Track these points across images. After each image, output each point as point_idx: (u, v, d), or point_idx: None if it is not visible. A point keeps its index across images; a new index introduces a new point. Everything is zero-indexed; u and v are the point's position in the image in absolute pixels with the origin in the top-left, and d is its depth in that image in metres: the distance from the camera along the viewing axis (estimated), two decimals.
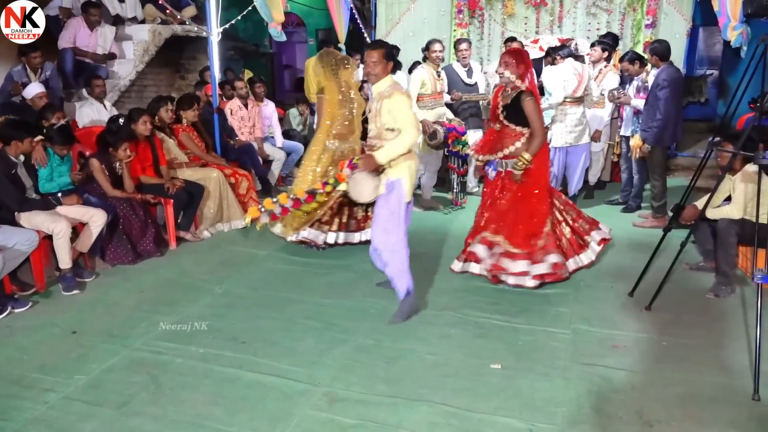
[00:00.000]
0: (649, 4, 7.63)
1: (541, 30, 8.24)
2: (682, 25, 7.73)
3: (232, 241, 5.23)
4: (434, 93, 5.78)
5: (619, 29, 7.88)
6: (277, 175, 6.97)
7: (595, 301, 3.92)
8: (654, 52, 5.33)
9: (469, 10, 8.34)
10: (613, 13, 7.95)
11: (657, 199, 5.51)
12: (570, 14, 8.14)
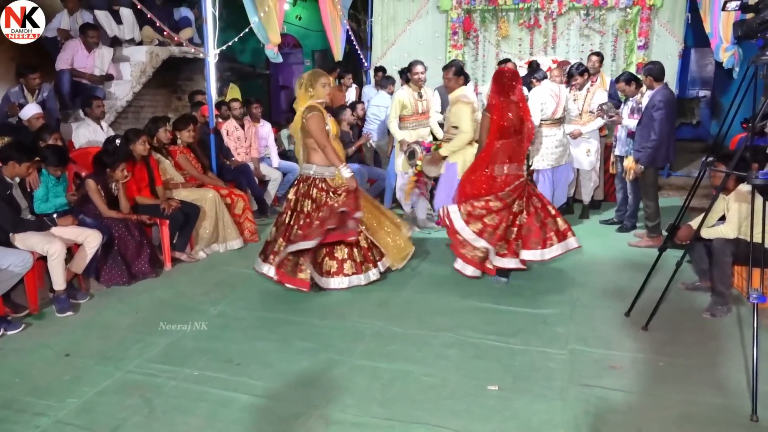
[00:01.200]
0: (641, 26, 7.75)
1: (535, 51, 8.34)
2: (674, 47, 7.84)
3: (227, 262, 5.21)
4: (415, 114, 5.81)
5: (612, 50, 8.00)
6: (274, 196, 6.97)
7: (592, 321, 3.91)
8: (649, 73, 5.36)
9: (463, 32, 8.45)
10: (606, 34, 8.07)
11: (651, 219, 5.53)
12: (563, 36, 8.25)
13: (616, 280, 4.65)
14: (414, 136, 5.79)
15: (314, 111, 4.22)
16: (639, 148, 5.41)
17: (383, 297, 4.34)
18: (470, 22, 8.42)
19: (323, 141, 4.23)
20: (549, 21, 8.19)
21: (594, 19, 8.04)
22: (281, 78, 16.10)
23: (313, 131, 4.21)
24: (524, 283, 4.59)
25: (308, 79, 4.29)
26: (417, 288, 4.55)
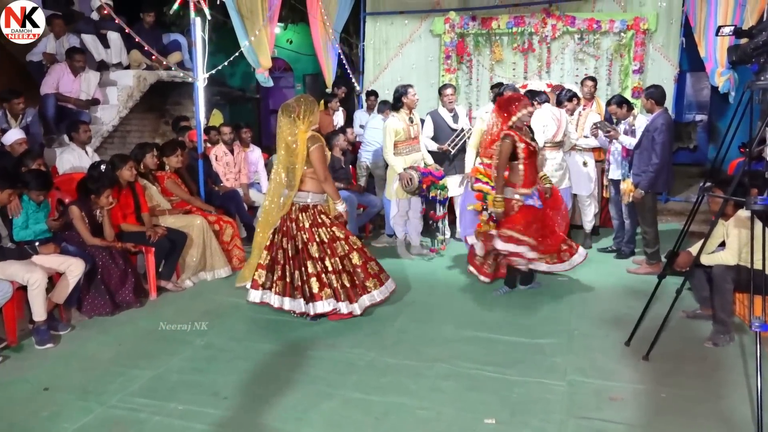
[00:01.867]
0: (635, 50, 7.87)
1: (530, 75, 8.44)
2: (670, 71, 7.96)
3: (215, 291, 5.18)
4: (408, 139, 5.82)
5: (607, 74, 8.11)
6: None
7: (591, 351, 3.90)
8: (651, 97, 5.40)
9: (457, 56, 8.55)
10: (600, 58, 8.18)
11: (650, 245, 5.54)
12: (558, 60, 8.36)
13: (615, 309, 4.65)
14: (408, 161, 5.82)
15: (318, 141, 4.21)
16: (638, 171, 5.43)
17: (375, 326, 4.32)
18: (464, 46, 8.53)
19: (325, 174, 4.24)
20: (543, 45, 8.31)
21: (588, 44, 8.16)
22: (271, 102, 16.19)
23: (318, 163, 4.19)
24: (521, 312, 4.58)
25: (306, 106, 4.21)
26: (410, 317, 4.52)
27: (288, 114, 4.21)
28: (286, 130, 4.23)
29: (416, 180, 5.62)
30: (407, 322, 4.42)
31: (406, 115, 5.83)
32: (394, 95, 5.88)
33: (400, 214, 6.02)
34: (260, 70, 6.81)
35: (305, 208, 4.32)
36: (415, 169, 5.69)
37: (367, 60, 9.19)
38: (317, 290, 4.23)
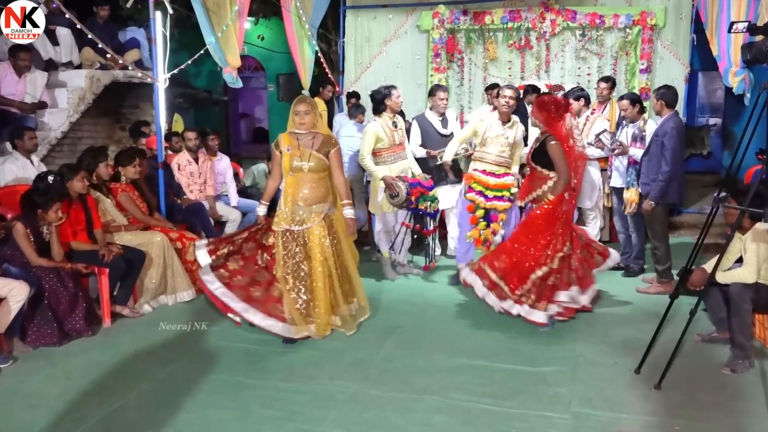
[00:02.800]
0: (642, 48, 7.99)
1: (527, 75, 8.56)
2: (680, 70, 8.09)
3: (177, 317, 5.15)
4: (392, 146, 5.85)
5: (612, 74, 8.20)
6: None
7: (597, 380, 3.92)
8: (662, 98, 5.45)
9: (447, 54, 8.63)
10: (604, 57, 8.31)
11: (661, 262, 5.60)
12: (558, 58, 8.48)
13: (623, 332, 4.69)
14: (395, 170, 5.84)
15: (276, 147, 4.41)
16: (647, 180, 5.49)
17: (358, 355, 4.31)
18: (454, 43, 8.62)
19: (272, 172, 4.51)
20: (542, 42, 8.42)
21: (591, 40, 8.28)
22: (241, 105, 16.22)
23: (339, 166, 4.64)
24: (521, 337, 4.61)
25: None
26: (397, 343, 4.53)
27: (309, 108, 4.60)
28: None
29: (404, 191, 5.64)
30: (394, 350, 4.42)
31: (389, 119, 5.86)
32: (376, 97, 5.89)
33: (386, 230, 6.03)
34: (228, 69, 6.81)
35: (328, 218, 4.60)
36: (403, 180, 5.71)
37: (348, 58, 9.26)
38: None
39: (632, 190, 5.76)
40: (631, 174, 5.83)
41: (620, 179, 6.05)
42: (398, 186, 5.64)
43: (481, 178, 5.54)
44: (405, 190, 5.64)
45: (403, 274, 6.19)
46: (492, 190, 5.51)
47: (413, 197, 5.71)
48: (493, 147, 5.56)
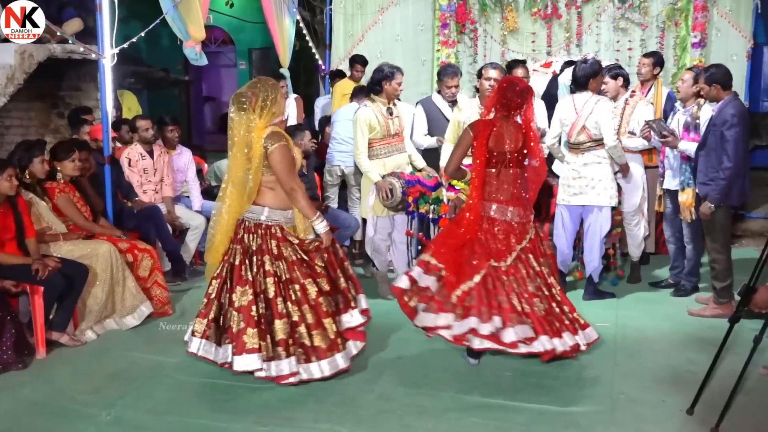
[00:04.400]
0: (695, 17, 7.99)
1: (555, 50, 8.57)
2: (741, 45, 8.10)
3: (127, 345, 5.14)
4: (387, 136, 5.87)
5: (658, 48, 8.21)
6: (194, 250, 6.93)
7: (641, 422, 3.92)
8: (713, 80, 5.42)
9: (457, 24, 8.65)
10: (648, 27, 8.31)
11: (720, 278, 5.59)
12: (592, 29, 8.50)
13: (672, 364, 4.70)
14: (390, 165, 5.85)
15: (279, 140, 4.22)
16: (705, 179, 5.47)
17: (348, 392, 4.31)
18: (466, 10, 8.64)
19: (292, 182, 4.26)
20: (572, 9, 8.44)
21: (632, 8, 8.30)
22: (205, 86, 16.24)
23: (281, 169, 4.22)
24: (546, 370, 4.60)
25: (265, 94, 4.25)
26: (396, 379, 4.52)
27: (240, 105, 4.25)
28: (237, 127, 4.26)
29: (398, 190, 5.62)
30: (392, 386, 4.42)
31: (383, 104, 5.87)
32: (374, 76, 5.90)
33: (381, 238, 6.04)
34: (190, 43, 6.82)
35: (256, 227, 4.36)
36: (398, 176, 5.70)
37: (336, 30, 9.28)
38: (238, 330, 4.26)
39: (688, 191, 5.74)
40: (686, 172, 5.81)
41: (675, 179, 6.01)
42: (391, 184, 5.62)
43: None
44: (400, 189, 5.63)
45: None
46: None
47: (410, 197, 5.70)
48: None
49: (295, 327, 4.28)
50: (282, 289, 4.30)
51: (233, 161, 4.34)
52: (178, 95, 14.07)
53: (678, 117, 6.00)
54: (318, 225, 4.34)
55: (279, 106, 4.33)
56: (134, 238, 5.94)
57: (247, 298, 4.26)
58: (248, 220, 4.37)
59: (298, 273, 4.32)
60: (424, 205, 5.80)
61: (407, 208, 5.80)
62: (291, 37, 8.86)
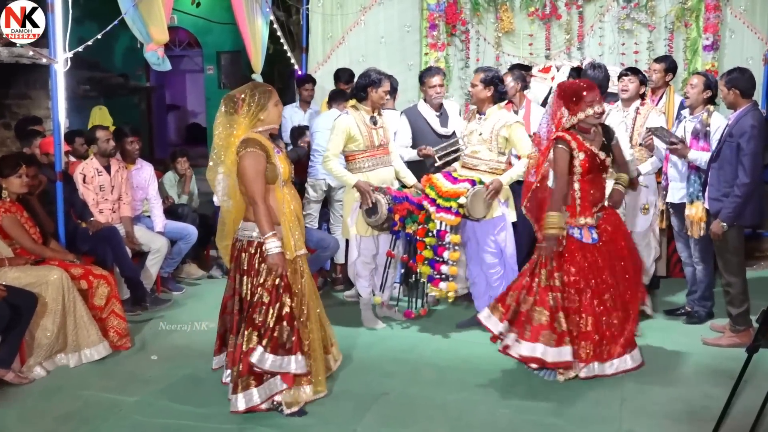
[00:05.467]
0: (707, 17, 8.04)
1: (554, 53, 8.62)
2: (757, 47, 8.17)
3: (81, 383, 5.11)
4: (370, 148, 5.90)
5: (667, 51, 8.26)
6: (156, 276, 6.90)
7: None
8: (734, 84, 5.44)
9: (446, 26, 8.69)
10: (656, 29, 8.37)
11: (735, 303, 5.59)
12: (594, 31, 8.55)
13: (687, 398, 4.70)
14: (373, 181, 5.85)
15: (252, 146, 4.24)
16: (717, 195, 5.48)
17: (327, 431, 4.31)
18: (457, 10, 8.67)
19: (256, 194, 4.26)
20: (573, 9, 8.50)
21: (639, 7, 8.36)
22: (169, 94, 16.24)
23: (246, 176, 4.26)
24: (549, 406, 4.61)
25: (255, 98, 4.36)
26: (381, 417, 4.51)
27: (228, 108, 4.38)
28: (221, 128, 4.42)
29: (384, 207, 5.61)
30: (376, 425, 4.41)
31: (366, 113, 5.90)
32: (359, 81, 5.94)
33: (364, 260, 6.04)
34: (151, 46, 6.82)
35: (249, 245, 4.40)
36: (384, 192, 5.70)
37: (314, 31, 9.29)
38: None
39: (697, 204, 5.74)
40: (695, 183, 5.81)
41: (681, 191, 6.03)
42: (376, 199, 5.62)
43: (437, 181, 5.73)
44: (386, 206, 5.63)
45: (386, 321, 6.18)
46: (443, 198, 5.64)
47: (397, 216, 5.68)
48: (469, 147, 5.92)
49: None
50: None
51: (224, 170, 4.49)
52: (139, 103, 14.03)
53: (684, 125, 6.01)
54: (269, 243, 4.29)
55: (269, 114, 4.40)
56: (89, 263, 5.91)
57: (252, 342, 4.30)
58: (241, 239, 4.44)
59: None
60: (411, 225, 5.78)
61: (393, 227, 5.78)
62: (264, 39, 8.85)
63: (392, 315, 6.26)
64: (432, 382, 5.02)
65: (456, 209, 5.60)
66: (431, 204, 5.69)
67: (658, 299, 6.71)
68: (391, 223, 5.71)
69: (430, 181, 5.78)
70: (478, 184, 5.65)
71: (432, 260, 5.75)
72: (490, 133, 5.78)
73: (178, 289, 7.33)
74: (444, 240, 5.70)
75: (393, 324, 6.17)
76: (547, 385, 4.86)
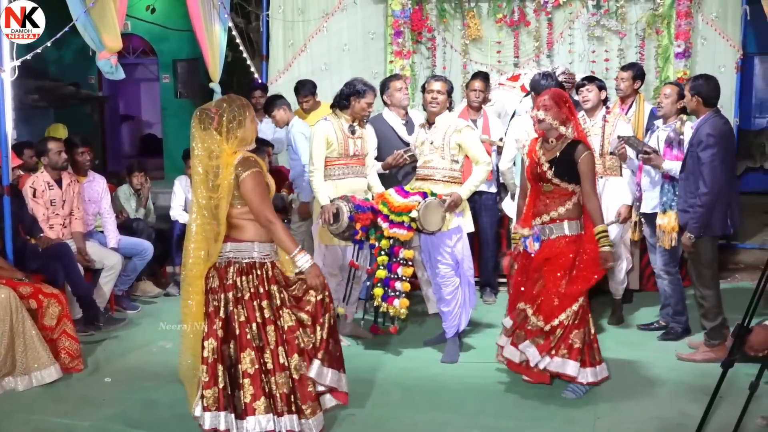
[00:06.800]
0: (678, 24, 8.13)
1: (523, 61, 8.69)
2: (729, 55, 8.29)
3: (31, 407, 5.06)
4: (344, 156, 5.93)
5: (639, 59, 8.36)
6: (110, 294, 6.85)
7: None
8: (697, 92, 5.52)
9: (412, 33, 8.71)
10: (627, 36, 8.47)
11: (710, 317, 5.65)
12: (564, 38, 8.63)
13: (661, 416, 4.74)
14: (342, 189, 5.86)
15: (252, 166, 4.15)
16: (685, 206, 5.57)
17: None
18: (422, 17, 8.71)
19: (268, 213, 4.16)
20: (542, 16, 8.56)
21: (609, 14, 8.44)
22: (123, 103, 16.13)
23: (254, 198, 4.13)
24: (520, 425, 4.64)
25: (231, 113, 4.20)
26: None
27: (203, 124, 4.19)
28: (201, 146, 4.18)
29: (345, 215, 5.58)
30: None
31: (346, 121, 5.94)
32: (344, 90, 5.97)
33: (329, 271, 6.04)
34: (104, 54, 6.78)
35: (250, 268, 4.26)
36: (347, 200, 5.67)
37: (274, 38, 9.28)
38: (250, 399, 4.16)
39: (671, 214, 5.82)
40: (668, 192, 5.89)
41: (653, 200, 6.09)
42: (338, 207, 5.60)
43: (389, 197, 5.73)
44: (347, 214, 5.59)
45: (350, 337, 6.20)
46: (395, 213, 5.63)
47: (359, 225, 5.66)
48: (422, 157, 5.98)
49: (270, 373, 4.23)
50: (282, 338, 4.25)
51: (194, 188, 4.27)
52: (91, 114, 13.93)
53: (658, 134, 6.11)
54: (300, 259, 4.21)
55: (246, 131, 4.23)
56: (39, 281, 5.86)
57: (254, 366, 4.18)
58: (239, 261, 4.26)
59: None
60: (375, 236, 5.79)
61: (354, 236, 5.77)
62: (222, 46, 8.83)
63: (358, 333, 6.25)
64: (400, 403, 5.03)
65: (408, 224, 5.58)
66: (384, 220, 5.67)
67: (631, 313, 6.77)
68: (353, 231, 5.68)
69: (383, 197, 5.77)
70: (429, 197, 5.63)
71: (386, 279, 5.73)
72: (441, 141, 5.81)
73: (133, 308, 7.27)
74: (398, 256, 5.69)
75: (358, 342, 6.17)
76: (519, 405, 4.88)
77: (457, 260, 5.87)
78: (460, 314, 5.84)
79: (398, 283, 5.69)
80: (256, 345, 4.17)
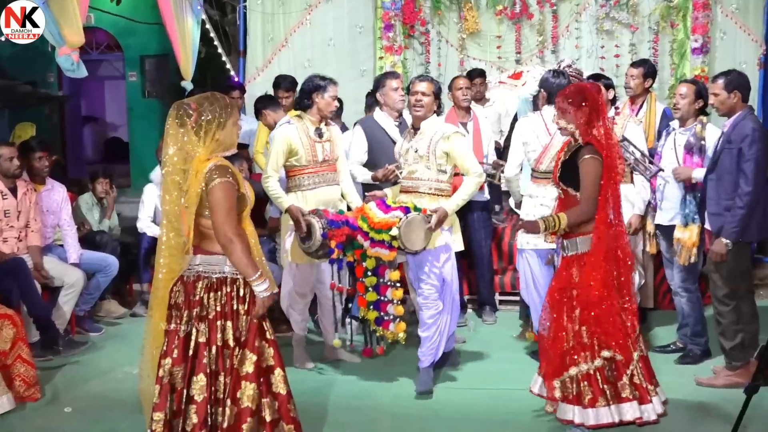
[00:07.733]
0: (695, 17, 8.14)
1: (526, 57, 8.70)
2: (751, 50, 8.32)
3: None
4: (313, 163, 5.89)
5: (652, 55, 8.38)
6: (70, 314, 6.82)
7: None
8: (736, 86, 5.45)
9: (404, 26, 8.71)
10: (639, 29, 8.48)
11: (727, 335, 5.57)
12: (570, 32, 8.65)
13: None
14: (312, 201, 5.83)
15: (225, 175, 4.08)
16: (718, 210, 5.49)
17: None
18: (415, 8, 8.70)
19: (229, 230, 4.06)
20: (546, 7, 8.60)
21: (619, 5, 8.46)
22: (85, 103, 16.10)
23: (218, 211, 4.05)
24: None
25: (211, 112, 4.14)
26: None
27: (181, 119, 4.13)
28: (174, 145, 4.12)
29: (318, 232, 5.55)
30: None
31: (311, 124, 5.90)
32: (303, 87, 5.93)
33: (299, 291, 6.03)
34: (65, 49, 6.78)
35: (220, 284, 4.22)
36: (319, 215, 5.63)
37: (252, 33, 9.28)
38: (190, 428, 4.12)
39: (693, 227, 5.78)
40: (690, 204, 5.84)
41: (671, 210, 6.05)
42: (310, 223, 5.55)
43: (369, 211, 5.59)
44: (320, 231, 5.53)
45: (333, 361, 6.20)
46: (375, 230, 5.51)
47: (333, 242, 5.62)
48: (406, 167, 5.82)
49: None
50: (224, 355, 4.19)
51: (163, 192, 4.23)
52: (50, 115, 13.89)
53: (674, 138, 6.05)
54: (259, 286, 4.13)
55: (226, 134, 4.19)
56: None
57: (202, 394, 4.13)
58: (209, 276, 4.21)
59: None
60: (351, 253, 5.71)
61: (329, 255, 5.70)
62: (195, 41, 8.82)
63: (345, 357, 6.23)
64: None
65: (389, 242, 5.45)
66: (365, 238, 5.55)
67: (645, 334, 6.76)
68: (327, 250, 5.62)
69: (362, 212, 5.63)
70: (412, 212, 5.49)
71: (377, 302, 5.67)
72: (426, 149, 5.66)
73: (96, 330, 7.23)
74: (384, 278, 5.65)
75: (346, 366, 6.16)
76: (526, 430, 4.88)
77: (444, 281, 5.79)
78: (438, 342, 5.76)
79: (390, 306, 5.65)
80: (212, 370, 4.14)
